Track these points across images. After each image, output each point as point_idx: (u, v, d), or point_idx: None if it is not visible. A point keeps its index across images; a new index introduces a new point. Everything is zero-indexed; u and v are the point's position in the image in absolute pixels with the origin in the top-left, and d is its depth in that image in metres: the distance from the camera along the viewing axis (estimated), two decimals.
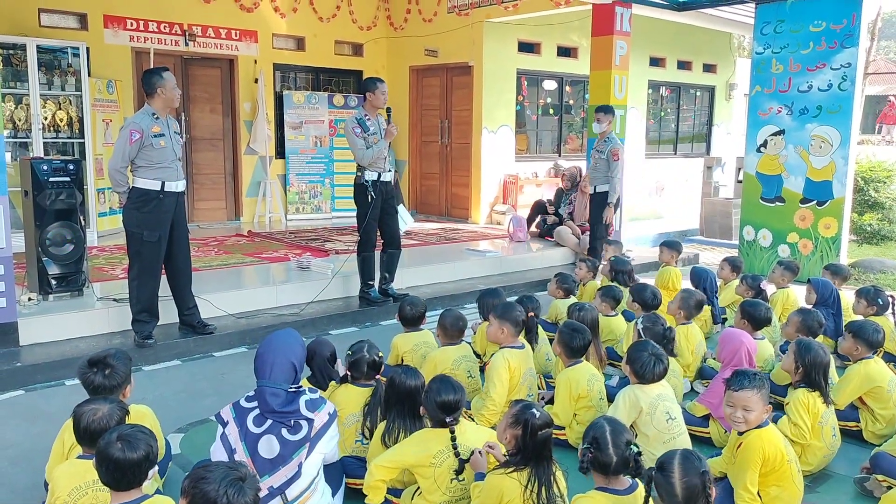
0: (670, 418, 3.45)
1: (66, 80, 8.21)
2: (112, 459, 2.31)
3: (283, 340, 2.82)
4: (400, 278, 6.83)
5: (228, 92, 10.38)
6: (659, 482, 2.27)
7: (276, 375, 2.69)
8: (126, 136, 4.91)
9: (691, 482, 2.22)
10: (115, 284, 6.08)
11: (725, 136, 14.50)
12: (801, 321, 4.43)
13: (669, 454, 2.34)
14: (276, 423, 2.64)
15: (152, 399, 4.43)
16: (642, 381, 3.48)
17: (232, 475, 2.01)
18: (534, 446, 2.64)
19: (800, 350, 3.62)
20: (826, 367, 3.57)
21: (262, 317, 5.99)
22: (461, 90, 10.92)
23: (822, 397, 3.55)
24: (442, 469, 2.92)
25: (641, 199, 12.66)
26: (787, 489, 2.97)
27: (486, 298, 4.80)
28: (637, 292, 4.98)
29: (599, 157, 7.69)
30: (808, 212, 8.16)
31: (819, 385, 3.54)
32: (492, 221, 10.77)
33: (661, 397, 3.48)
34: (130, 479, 2.34)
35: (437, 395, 2.91)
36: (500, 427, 2.78)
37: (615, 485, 2.54)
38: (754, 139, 8.56)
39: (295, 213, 10.82)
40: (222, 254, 7.89)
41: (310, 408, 2.71)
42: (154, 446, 2.39)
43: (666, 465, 2.28)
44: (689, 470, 2.23)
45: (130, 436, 2.35)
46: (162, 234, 5.10)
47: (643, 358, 3.46)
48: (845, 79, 7.79)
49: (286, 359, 2.72)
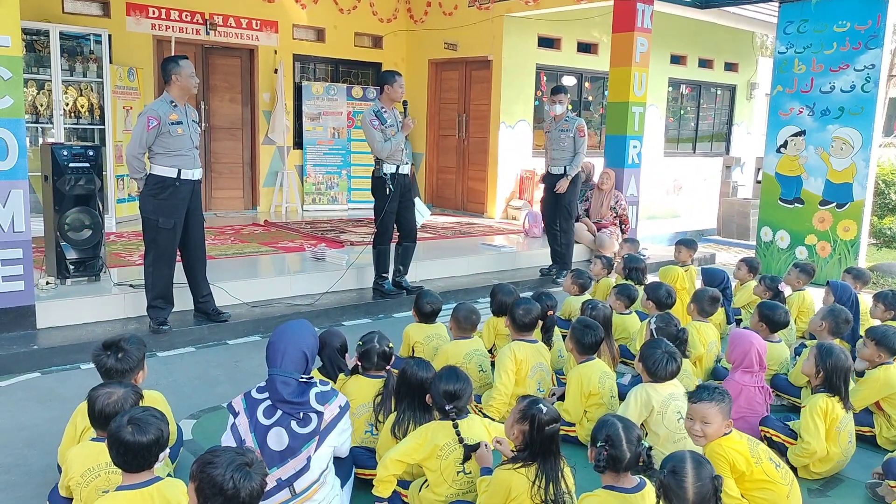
0: (682, 417, 3.42)
1: (87, 67, 8.28)
2: (123, 442, 2.34)
3: (296, 330, 2.83)
4: (414, 271, 6.84)
5: (248, 82, 10.42)
6: (670, 486, 2.26)
7: (286, 364, 2.69)
8: (143, 123, 4.94)
9: (704, 487, 2.22)
10: (131, 270, 6.13)
11: (745, 135, 14.37)
12: (828, 311, 4.38)
13: (679, 458, 2.32)
14: (285, 415, 2.65)
15: (166, 385, 4.47)
16: (655, 380, 3.47)
17: (239, 460, 2.02)
18: (541, 442, 2.64)
19: (821, 354, 3.57)
20: (847, 371, 3.52)
21: (276, 306, 6.02)
22: (480, 84, 10.89)
23: (842, 402, 3.51)
24: (448, 462, 2.93)
25: (659, 198, 12.58)
26: (772, 488, 2.90)
27: (498, 294, 4.80)
28: (652, 290, 4.93)
29: (566, 137, 7.41)
30: (827, 214, 8.08)
31: (839, 390, 3.50)
32: (507, 216, 10.75)
33: (674, 396, 3.47)
34: (141, 462, 2.37)
35: (441, 383, 2.96)
36: (507, 422, 2.77)
37: (623, 483, 2.53)
38: (774, 139, 8.47)
39: (311, 203, 10.86)
40: (238, 242, 7.93)
41: (320, 400, 2.71)
42: (165, 430, 2.42)
43: (678, 470, 2.26)
44: (702, 475, 2.23)
45: (141, 419, 2.38)
46: (177, 221, 5.13)
47: (656, 356, 3.45)
48: (868, 80, 7.69)
49: (297, 348, 2.72)
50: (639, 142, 8.97)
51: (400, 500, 3.09)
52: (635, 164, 9.00)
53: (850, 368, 3.56)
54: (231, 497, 1.98)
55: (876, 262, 9.05)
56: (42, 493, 3.04)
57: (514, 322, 4.12)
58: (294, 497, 2.65)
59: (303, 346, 2.74)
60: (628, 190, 8.95)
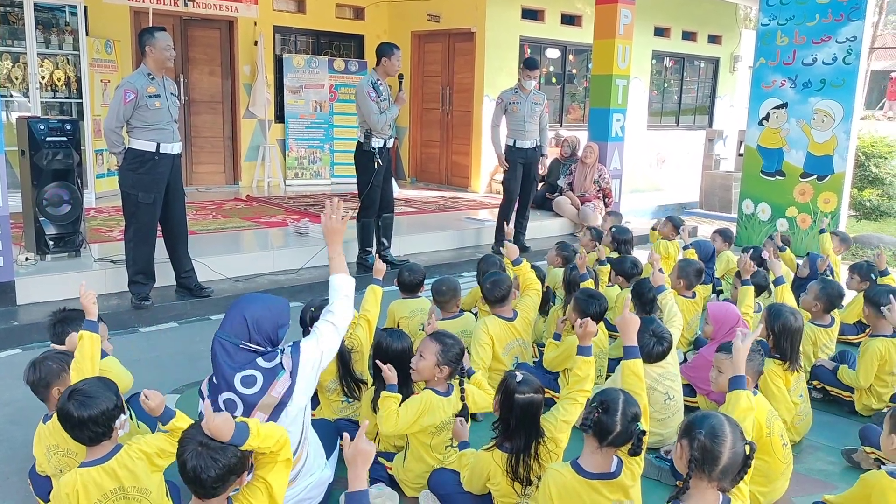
0: (668, 398, 3.45)
1: (63, 40, 8.12)
2: (70, 417, 2.33)
3: (248, 298, 2.75)
4: (398, 245, 6.83)
5: (228, 54, 10.27)
6: (706, 447, 2.11)
7: (225, 327, 2.63)
8: (120, 96, 4.87)
9: (737, 454, 2.12)
10: (112, 246, 6.08)
11: (728, 108, 14.39)
12: (821, 289, 4.35)
13: (717, 420, 2.17)
14: (231, 397, 2.58)
15: (149, 360, 4.46)
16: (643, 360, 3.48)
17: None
18: (517, 412, 2.62)
19: (770, 315, 3.58)
20: (795, 333, 3.50)
21: (259, 281, 6.01)
22: (463, 57, 10.81)
23: (790, 365, 3.50)
24: (440, 439, 2.96)
25: (642, 171, 12.61)
26: (769, 461, 2.96)
27: (483, 265, 4.82)
28: (617, 264, 5.07)
29: (541, 112, 7.41)
30: (807, 186, 8.14)
31: (785, 352, 3.49)
32: (492, 190, 10.74)
33: (663, 376, 3.46)
34: (93, 434, 2.35)
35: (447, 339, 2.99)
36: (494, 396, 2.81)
37: (598, 463, 2.45)
38: (756, 112, 8.50)
39: (294, 178, 10.78)
40: (220, 218, 7.88)
41: (264, 372, 2.59)
42: (111, 398, 2.38)
43: (718, 432, 2.12)
44: (737, 440, 2.13)
45: (84, 392, 2.36)
46: (157, 195, 5.08)
47: (644, 339, 3.38)
48: (850, 52, 7.71)
49: (239, 313, 2.63)
50: (622, 115, 8.96)
51: (385, 472, 3.12)
52: (619, 138, 8.99)
53: (799, 331, 3.54)
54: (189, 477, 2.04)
55: (855, 233, 9.15)
56: (25, 470, 3.03)
57: (484, 297, 4.09)
58: None
59: (244, 311, 2.63)
60: (612, 163, 8.96)
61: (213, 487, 2.04)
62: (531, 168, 7.51)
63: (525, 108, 7.30)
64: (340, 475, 3.13)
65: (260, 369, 2.58)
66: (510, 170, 7.42)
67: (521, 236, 7.73)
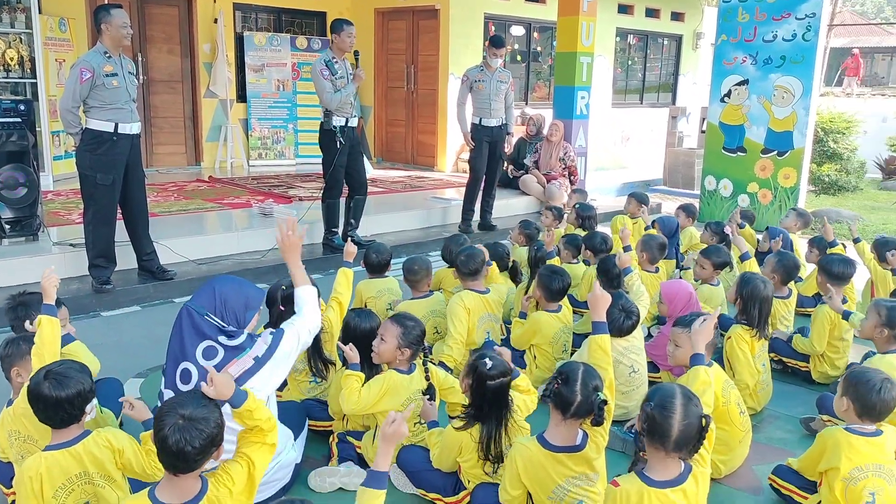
0: (633, 371, 3.52)
1: (15, 17, 7.86)
2: (43, 397, 2.29)
3: (225, 277, 2.79)
4: (365, 226, 6.79)
5: (187, 32, 10.05)
6: (655, 419, 2.16)
7: (196, 299, 2.64)
8: (76, 75, 4.75)
9: (690, 425, 2.16)
10: (71, 229, 5.94)
11: (691, 86, 14.52)
12: (778, 261, 4.46)
13: (669, 392, 2.22)
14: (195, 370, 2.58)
15: (111, 345, 4.39)
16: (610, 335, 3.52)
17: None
18: (488, 396, 2.64)
19: (741, 282, 3.70)
20: (763, 301, 3.59)
21: (223, 263, 5.93)
22: (428, 34, 10.72)
23: (757, 332, 3.59)
24: (407, 416, 2.96)
25: (607, 149, 12.69)
26: (727, 429, 3.02)
27: (450, 245, 4.83)
28: (588, 239, 5.15)
29: (507, 90, 7.38)
30: (768, 162, 8.27)
31: (753, 319, 3.58)
32: (458, 169, 10.72)
33: (629, 350, 3.53)
34: (64, 416, 2.32)
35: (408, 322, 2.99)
36: (461, 375, 2.81)
37: (563, 435, 2.47)
38: (718, 89, 8.59)
39: (257, 158, 10.64)
40: (182, 199, 7.75)
41: (228, 354, 2.57)
42: (86, 382, 2.36)
43: (667, 404, 2.17)
44: (690, 412, 2.16)
45: (60, 373, 2.33)
46: (116, 177, 4.98)
47: (613, 314, 3.44)
48: (809, 28, 7.81)
49: (212, 287, 2.65)
50: (587, 93, 8.99)
51: (354, 451, 3.12)
52: (583, 116, 9.03)
53: (768, 298, 3.64)
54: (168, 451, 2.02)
55: (815, 208, 9.34)
56: None
57: (458, 270, 4.15)
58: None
59: (216, 286, 2.65)
60: (577, 141, 8.99)
61: (196, 460, 2.02)
62: (497, 146, 7.50)
63: (491, 86, 7.27)
64: (307, 455, 3.14)
65: (222, 345, 2.57)
66: (476, 148, 7.41)
67: (488, 215, 7.74)
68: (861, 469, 2.52)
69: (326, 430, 3.32)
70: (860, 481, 2.51)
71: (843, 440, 2.58)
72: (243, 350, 2.59)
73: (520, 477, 2.48)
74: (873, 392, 2.59)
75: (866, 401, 2.60)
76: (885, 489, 2.53)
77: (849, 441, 2.57)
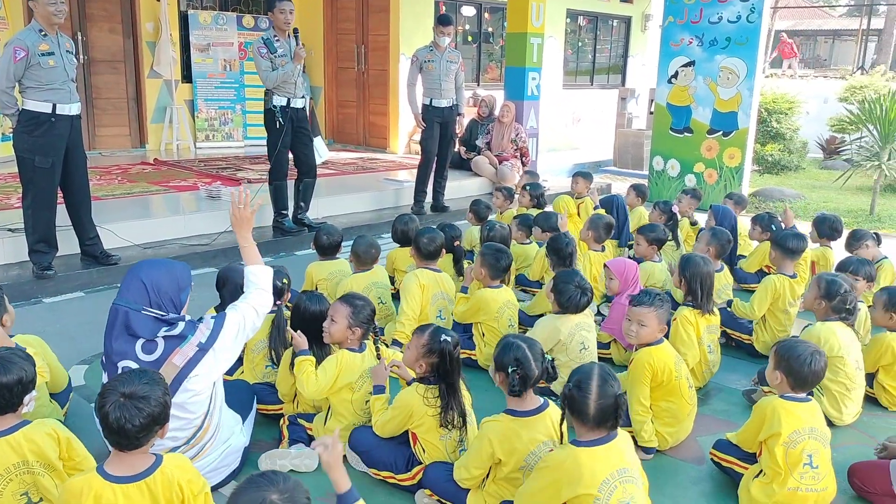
0: (584, 348, 3.58)
1: None
2: None
3: (144, 263, 2.67)
4: (316, 208, 6.73)
5: (129, 11, 9.73)
6: (574, 398, 2.29)
7: (124, 294, 2.55)
8: (10, 54, 4.56)
9: (606, 403, 2.26)
10: (9, 214, 5.75)
11: (640, 67, 14.70)
12: (711, 236, 4.63)
13: (586, 372, 2.34)
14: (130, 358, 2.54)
15: (54, 332, 4.27)
16: (565, 312, 3.57)
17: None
18: (453, 370, 2.74)
19: (682, 265, 3.79)
20: (705, 277, 3.69)
21: (169, 247, 5.82)
22: (378, 14, 10.60)
23: (701, 309, 3.68)
24: (360, 394, 2.97)
25: (559, 130, 12.77)
26: (676, 403, 3.15)
27: (398, 224, 4.83)
28: (542, 219, 5.20)
29: (457, 70, 7.38)
30: (714, 142, 8.43)
31: (697, 295, 3.68)
32: (410, 151, 10.67)
33: (580, 326, 3.60)
34: (2, 403, 2.27)
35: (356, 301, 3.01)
36: (409, 355, 2.81)
37: (526, 405, 2.56)
38: (666, 70, 8.70)
39: (205, 140, 10.41)
40: (126, 182, 7.55)
41: (169, 345, 2.53)
42: (29, 370, 2.32)
43: (583, 385, 2.29)
44: (606, 391, 2.27)
45: (3, 357, 2.30)
46: (55, 159, 4.82)
47: (569, 291, 3.53)
48: (753, 10, 7.96)
49: (137, 278, 2.56)
50: (537, 74, 9.02)
51: (305, 433, 3.11)
52: (534, 97, 9.07)
53: (710, 273, 3.73)
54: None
55: (759, 187, 9.58)
56: None
57: (418, 251, 4.16)
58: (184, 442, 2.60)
59: (142, 276, 2.56)
60: (528, 122, 9.03)
61: (137, 437, 2.04)
62: (448, 127, 7.49)
63: (440, 66, 7.24)
64: (257, 439, 3.12)
65: (161, 336, 2.51)
66: (427, 129, 7.38)
67: (441, 196, 7.74)
68: (798, 432, 2.64)
69: (277, 413, 3.30)
70: (798, 444, 2.62)
71: (780, 407, 2.68)
72: (184, 338, 2.54)
73: (493, 454, 2.52)
74: (805, 366, 2.71)
75: (799, 374, 2.72)
76: (820, 450, 2.65)
77: (785, 407, 2.68)
